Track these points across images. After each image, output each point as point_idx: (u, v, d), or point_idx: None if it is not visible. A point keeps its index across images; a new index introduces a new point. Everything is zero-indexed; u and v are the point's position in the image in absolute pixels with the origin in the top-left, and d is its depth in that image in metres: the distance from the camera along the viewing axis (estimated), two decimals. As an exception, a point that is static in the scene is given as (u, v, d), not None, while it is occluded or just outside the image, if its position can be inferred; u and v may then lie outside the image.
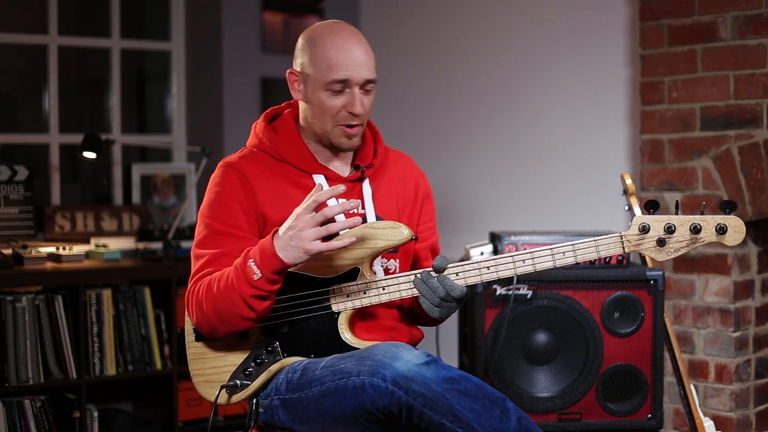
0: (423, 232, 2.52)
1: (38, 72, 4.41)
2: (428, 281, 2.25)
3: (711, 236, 2.21)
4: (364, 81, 2.30)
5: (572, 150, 4.15)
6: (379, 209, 2.42)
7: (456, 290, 2.24)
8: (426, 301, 2.26)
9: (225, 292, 2.20)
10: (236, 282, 2.19)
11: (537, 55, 4.27)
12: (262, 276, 2.17)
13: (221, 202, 2.34)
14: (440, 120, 4.64)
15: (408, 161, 2.56)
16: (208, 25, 4.60)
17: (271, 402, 2.30)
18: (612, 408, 3.11)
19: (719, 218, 2.21)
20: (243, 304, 2.19)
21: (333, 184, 2.36)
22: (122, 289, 3.86)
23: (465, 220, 4.49)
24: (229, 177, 2.36)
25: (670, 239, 2.23)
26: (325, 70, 2.28)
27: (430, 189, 2.57)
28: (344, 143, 2.35)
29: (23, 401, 3.57)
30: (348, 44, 2.29)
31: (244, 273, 2.18)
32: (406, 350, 2.12)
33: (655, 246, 2.24)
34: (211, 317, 2.24)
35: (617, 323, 3.10)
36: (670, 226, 2.22)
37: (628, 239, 2.25)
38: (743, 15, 3.48)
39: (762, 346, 3.72)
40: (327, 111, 2.31)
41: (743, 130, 3.51)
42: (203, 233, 2.34)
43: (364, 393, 2.09)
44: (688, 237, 2.22)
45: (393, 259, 2.42)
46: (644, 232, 2.23)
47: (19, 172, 4.02)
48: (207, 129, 4.62)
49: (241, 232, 2.31)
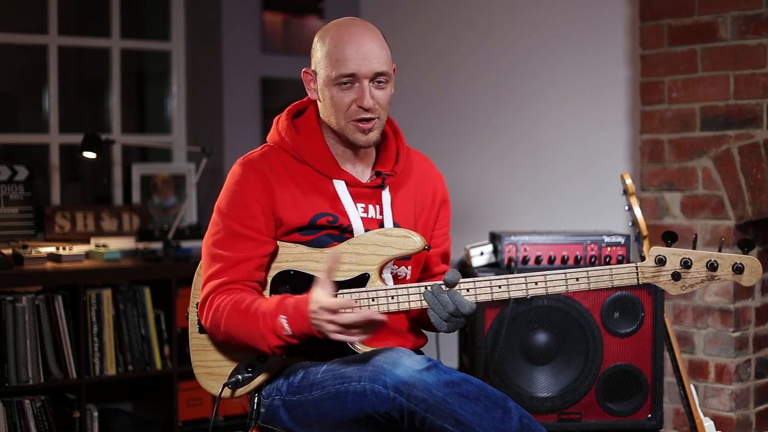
0: (437, 237, 2.50)
1: (38, 72, 4.41)
2: (438, 296, 2.23)
3: (728, 275, 2.20)
4: (373, 74, 2.27)
5: (572, 150, 4.15)
6: (396, 216, 2.39)
7: (466, 307, 2.22)
8: (435, 315, 2.24)
9: (250, 328, 2.21)
10: (262, 329, 2.20)
11: (537, 55, 4.26)
12: (293, 334, 2.18)
13: (241, 203, 2.31)
14: (440, 120, 4.64)
15: (428, 164, 2.53)
16: (208, 25, 4.60)
17: (272, 402, 2.30)
18: (612, 408, 3.11)
19: (736, 257, 2.20)
20: (264, 346, 2.22)
21: (353, 190, 2.34)
22: (122, 289, 3.86)
23: (465, 220, 4.49)
24: (250, 177, 2.32)
25: (686, 274, 2.21)
26: (334, 65, 2.27)
27: (448, 194, 2.54)
28: (360, 139, 2.31)
29: (23, 401, 3.57)
30: (356, 38, 2.27)
31: (273, 324, 2.19)
32: (406, 356, 2.12)
33: (670, 280, 2.22)
34: (227, 338, 2.27)
35: (617, 323, 3.10)
36: (686, 261, 2.20)
37: (643, 271, 2.23)
38: (743, 15, 3.48)
39: (762, 346, 3.72)
40: (338, 107, 2.29)
41: (743, 130, 3.51)
42: (222, 233, 2.31)
43: (365, 398, 2.10)
44: (704, 273, 2.21)
45: (405, 266, 2.41)
46: (660, 264, 2.21)
47: (19, 172, 4.02)
48: (207, 129, 4.62)
49: (259, 235, 2.29)
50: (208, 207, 4.40)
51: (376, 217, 2.36)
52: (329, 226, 2.32)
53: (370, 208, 2.36)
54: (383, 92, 2.30)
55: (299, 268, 2.32)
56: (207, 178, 4.52)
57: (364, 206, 2.36)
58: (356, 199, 2.35)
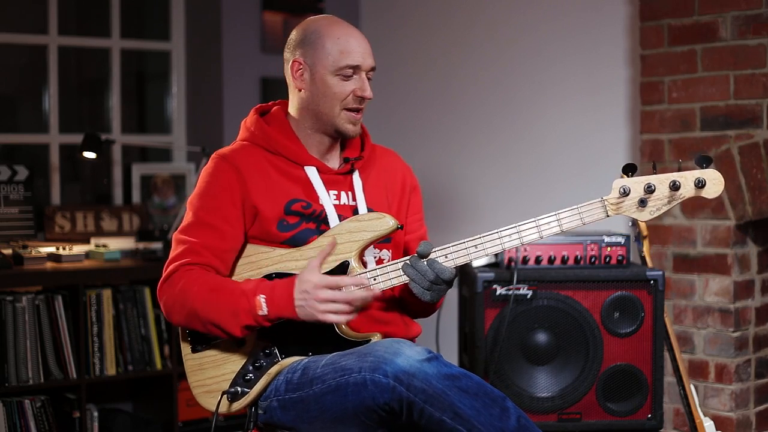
0: (411, 224, 2.56)
1: (38, 72, 4.41)
2: (417, 265, 2.27)
3: (690, 191, 2.25)
4: (370, 68, 2.40)
5: (572, 150, 4.15)
6: (369, 201, 2.44)
7: (446, 273, 2.27)
8: (416, 285, 2.27)
9: (221, 305, 2.23)
10: (236, 305, 2.22)
11: (537, 55, 4.26)
12: (268, 314, 2.21)
13: (211, 193, 2.36)
14: (440, 120, 4.64)
15: (394, 156, 2.61)
16: (208, 25, 4.60)
17: (270, 404, 2.31)
18: (612, 408, 3.11)
19: (697, 173, 2.25)
20: (233, 325, 2.23)
21: (324, 177, 2.41)
22: (122, 289, 3.86)
23: (465, 219, 4.49)
24: (222, 168, 2.37)
25: (650, 198, 2.26)
26: (338, 56, 2.36)
27: (417, 182, 2.60)
28: (350, 129, 2.40)
29: (23, 401, 3.57)
30: (355, 33, 2.41)
31: (249, 303, 2.21)
32: (407, 346, 2.13)
33: (636, 207, 2.27)
34: (190, 316, 2.26)
35: (617, 323, 3.10)
36: (649, 185, 2.25)
37: (609, 202, 2.28)
38: (743, 15, 3.48)
39: (762, 346, 3.72)
40: (337, 96, 2.37)
41: (743, 130, 3.51)
42: (189, 220, 2.36)
43: (366, 389, 2.10)
44: (668, 194, 2.25)
45: (386, 249, 2.45)
46: (625, 194, 2.26)
47: (19, 172, 4.02)
48: (207, 129, 4.62)
49: (226, 226, 2.33)
50: (208, 207, 4.40)
51: (350, 203, 2.42)
52: (304, 214, 2.35)
53: (343, 195, 2.42)
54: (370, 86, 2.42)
55: (280, 269, 2.34)
56: (207, 178, 4.51)
57: (336, 193, 2.42)
58: (328, 186, 2.41)
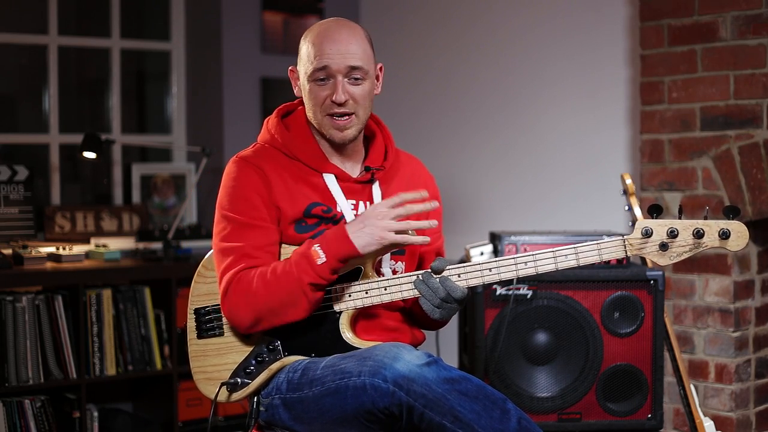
0: (429, 236, 2.50)
1: (38, 72, 4.41)
2: (429, 282, 2.24)
3: (714, 241, 2.20)
4: (347, 68, 2.30)
5: (572, 150, 4.15)
6: None
7: (457, 291, 2.24)
8: (426, 302, 2.25)
9: (282, 279, 2.21)
10: (296, 268, 2.20)
11: (537, 55, 4.26)
12: (326, 261, 2.19)
13: (241, 196, 2.32)
14: (440, 120, 4.64)
15: (418, 164, 2.56)
16: (208, 25, 4.60)
17: (271, 401, 2.30)
18: (612, 408, 3.11)
19: (722, 223, 2.20)
20: (299, 292, 2.20)
21: (343, 185, 2.37)
22: (122, 289, 3.86)
23: (465, 220, 4.49)
24: (246, 170, 2.34)
25: (672, 243, 2.22)
26: (311, 60, 2.31)
27: (439, 193, 2.55)
28: (335, 135, 2.35)
29: (23, 401, 3.57)
30: (333, 34, 2.31)
31: (307, 257, 2.20)
32: (407, 351, 2.12)
33: (657, 250, 2.23)
34: (262, 308, 2.23)
35: (617, 323, 3.10)
36: (672, 230, 2.21)
37: (630, 243, 2.24)
38: (743, 15, 3.48)
39: (762, 346, 3.72)
40: (315, 101, 2.33)
41: (743, 130, 3.51)
42: (228, 228, 2.31)
43: (365, 393, 2.10)
44: (691, 241, 2.21)
45: (400, 261, 2.42)
46: (647, 236, 2.22)
47: (19, 172, 4.02)
48: (207, 129, 4.62)
49: (265, 224, 2.30)
50: (208, 207, 4.41)
51: None
52: (323, 216, 2.33)
53: (361, 205, 2.39)
54: (359, 88, 2.33)
55: None
56: (207, 178, 4.52)
57: (354, 203, 2.38)
58: (347, 195, 2.37)
